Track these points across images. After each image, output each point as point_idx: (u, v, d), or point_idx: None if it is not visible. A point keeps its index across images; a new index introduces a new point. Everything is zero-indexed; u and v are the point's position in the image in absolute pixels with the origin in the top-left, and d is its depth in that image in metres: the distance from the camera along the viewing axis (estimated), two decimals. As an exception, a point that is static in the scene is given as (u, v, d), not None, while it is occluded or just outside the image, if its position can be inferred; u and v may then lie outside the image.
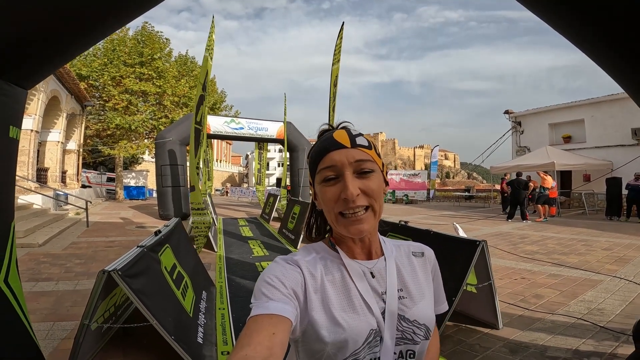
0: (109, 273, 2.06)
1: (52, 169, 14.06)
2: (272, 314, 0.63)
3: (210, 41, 6.85)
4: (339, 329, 0.71)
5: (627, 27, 1.55)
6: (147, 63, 17.84)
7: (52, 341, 3.01)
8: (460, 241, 3.23)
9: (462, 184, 45.52)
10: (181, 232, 4.37)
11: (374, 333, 0.74)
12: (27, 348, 1.86)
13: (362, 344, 0.72)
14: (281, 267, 0.75)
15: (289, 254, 0.83)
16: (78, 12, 1.57)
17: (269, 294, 0.67)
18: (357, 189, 0.72)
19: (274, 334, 0.60)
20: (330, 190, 0.74)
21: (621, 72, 1.91)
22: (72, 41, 1.72)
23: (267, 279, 0.71)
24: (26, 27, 1.51)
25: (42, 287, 4.47)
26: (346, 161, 0.73)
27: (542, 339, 3.02)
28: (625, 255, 6.29)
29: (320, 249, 0.83)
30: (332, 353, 0.71)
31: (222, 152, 66.67)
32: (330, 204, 0.74)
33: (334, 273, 0.78)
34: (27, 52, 1.60)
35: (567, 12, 1.69)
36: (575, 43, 1.86)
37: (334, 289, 0.76)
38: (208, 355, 2.74)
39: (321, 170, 0.76)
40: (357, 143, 0.75)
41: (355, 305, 0.75)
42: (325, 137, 0.79)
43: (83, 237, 8.33)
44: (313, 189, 0.82)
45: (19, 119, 1.80)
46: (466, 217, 13.10)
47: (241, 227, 10.56)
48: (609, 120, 15.10)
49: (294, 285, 0.72)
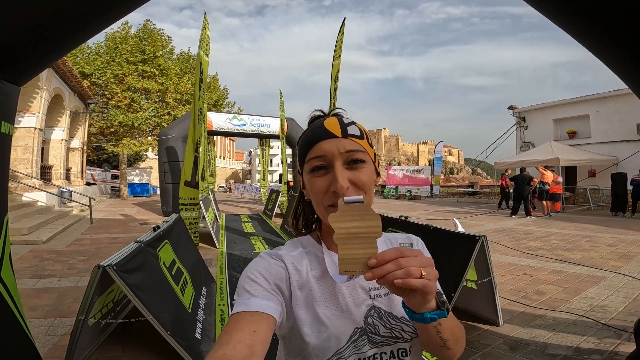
0: (104, 268, 2.06)
1: (56, 166, 14.14)
2: (253, 311, 0.62)
3: (204, 37, 6.85)
4: (322, 327, 0.69)
5: (630, 24, 1.53)
6: (150, 61, 17.89)
7: (52, 337, 3.03)
8: (459, 236, 3.20)
9: (466, 179, 45.21)
10: (182, 228, 4.37)
11: (359, 331, 0.71)
12: (21, 344, 1.86)
13: (345, 342, 0.70)
14: (264, 262, 0.73)
15: (275, 248, 0.80)
16: (72, 8, 1.56)
17: (251, 290, 0.66)
18: (347, 181, 0.68)
19: (255, 331, 0.58)
20: (320, 181, 0.70)
21: (625, 69, 1.89)
22: (65, 37, 1.72)
23: (249, 275, 0.69)
24: (20, 25, 1.51)
25: (44, 284, 4.50)
26: (336, 151, 0.69)
27: (543, 336, 2.99)
28: (629, 252, 6.23)
29: (307, 243, 0.81)
30: (315, 353, 0.69)
31: (225, 149, 66.82)
32: (319, 196, 0.71)
33: (319, 269, 0.75)
34: (21, 50, 1.61)
35: (570, 8, 1.68)
36: (579, 39, 1.84)
37: (318, 285, 0.73)
38: (206, 350, 2.74)
39: (310, 160, 0.72)
40: (348, 132, 0.71)
41: (339, 303, 0.72)
42: (315, 125, 0.74)
43: (87, 234, 8.40)
44: (301, 178, 0.78)
45: (12, 115, 1.81)
46: (469, 213, 13.03)
47: (243, 224, 10.59)
48: (614, 115, 14.97)
49: (277, 280, 0.70)
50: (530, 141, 18.11)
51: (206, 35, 6.94)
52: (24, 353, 1.86)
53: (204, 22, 6.86)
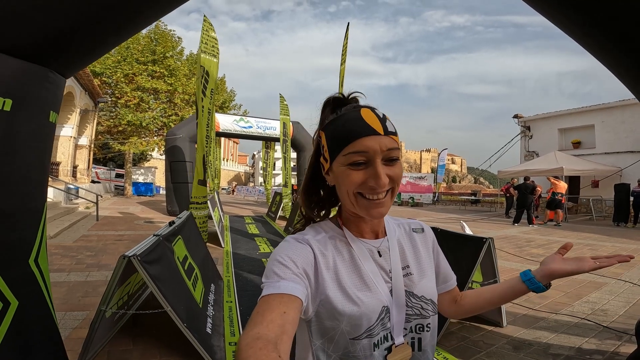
0: (129, 258, 2.15)
1: (63, 163, 14.28)
2: (282, 294, 0.64)
3: (209, 39, 6.94)
4: (355, 307, 0.72)
5: (637, 31, 1.58)
6: (160, 61, 18.05)
7: (64, 330, 3.05)
8: (467, 238, 3.27)
9: (469, 188, 45.12)
10: (192, 225, 4.46)
11: (385, 310, 0.76)
12: (49, 330, 1.94)
13: (375, 320, 0.74)
14: (292, 246, 0.75)
15: (298, 232, 0.83)
16: (120, 3, 1.65)
17: (281, 273, 0.68)
18: (387, 177, 0.72)
19: (285, 312, 0.61)
20: (357, 174, 0.72)
21: (634, 79, 1.94)
22: (112, 32, 1.82)
23: (278, 258, 0.71)
24: (72, 19, 1.59)
25: (54, 278, 4.54)
26: (379, 149, 0.71)
27: (546, 337, 3.06)
28: (631, 260, 6.26)
29: (328, 228, 0.83)
30: (346, 330, 0.72)
31: (229, 151, 66.95)
32: (352, 186, 0.73)
33: (344, 253, 0.79)
34: (71, 43, 1.70)
35: (578, 15, 1.72)
36: (587, 47, 1.88)
37: (345, 267, 0.77)
38: (216, 345, 2.81)
39: (349, 154, 0.72)
40: (388, 130, 0.73)
41: (367, 283, 0.76)
42: (353, 117, 0.74)
43: (93, 230, 8.49)
44: (327, 164, 0.78)
45: (58, 105, 1.91)
46: (472, 220, 13.07)
47: (247, 225, 10.66)
48: (620, 125, 14.85)
49: (305, 264, 0.72)
50: (535, 150, 18.04)
51: (211, 37, 7.04)
52: (50, 338, 1.95)
53: (205, 25, 6.95)
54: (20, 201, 1.71)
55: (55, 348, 1.97)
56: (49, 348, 1.92)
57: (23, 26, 1.50)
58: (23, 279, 1.74)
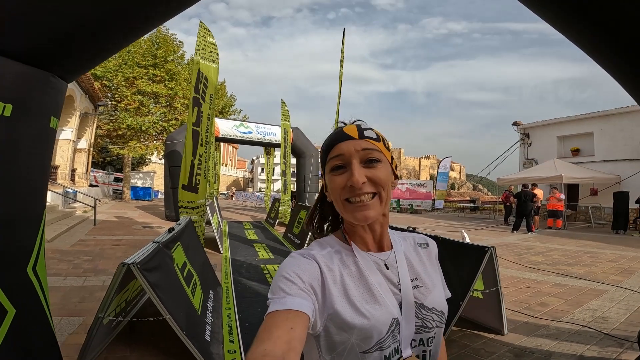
0: (128, 266, 2.12)
1: (62, 166, 14.22)
2: (289, 310, 0.64)
3: (207, 44, 6.96)
4: (365, 320, 0.72)
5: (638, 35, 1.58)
6: (160, 65, 18.09)
7: (60, 336, 3.02)
8: (469, 247, 3.26)
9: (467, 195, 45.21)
10: (192, 231, 4.43)
11: (395, 322, 0.75)
12: (46, 338, 1.91)
13: (385, 333, 0.73)
14: (298, 262, 0.75)
15: (303, 248, 0.84)
16: (123, 8, 1.64)
17: (287, 289, 0.68)
18: (364, 177, 0.74)
19: (292, 328, 0.61)
20: (338, 178, 0.76)
21: (633, 83, 1.94)
22: (115, 37, 1.80)
23: (284, 274, 0.71)
24: (75, 23, 1.58)
25: (50, 283, 4.45)
26: (353, 150, 0.76)
27: (547, 345, 3.05)
28: (630, 267, 6.28)
29: (334, 242, 0.83)
30: (357, 344, 0.72)
31: (228, 157, 67.02)
32: (337, 192, 0.76)
33: (350, 266, 0.79)
34: (74, 47, 1.68)
35: (579, 20, 1.72)
36: (588, 52, 1.88)
37: (352, 281, 0.76)
38: (215, 352, 2.78)
39: (330, 160, 0.78)
40: (365, 135, 0.78)
41: (375, 296, 0.76)
42: (336, 130, 0.81)
43: (91, 235, 8.44)
44: (324, 181, 0.84)
45: (59, 110, 1.89)
46: (471, 227, 13.07)
47: (246, 231, 10.62)
48: (618, 133, 14.88)
49: (311, 279, 0.72)
50: (534, 158, 18.07)
51: (209, 43, 7.07)
52: (48, 346, 1.91)
53: (201, 31, 6.98)
54: (19, 208, 1.69)
55: (52, 356, 1.94)
56: (47, 356, 1.89)
57: (25, 29, 1.49)
58: (21, 287, 1.71)
